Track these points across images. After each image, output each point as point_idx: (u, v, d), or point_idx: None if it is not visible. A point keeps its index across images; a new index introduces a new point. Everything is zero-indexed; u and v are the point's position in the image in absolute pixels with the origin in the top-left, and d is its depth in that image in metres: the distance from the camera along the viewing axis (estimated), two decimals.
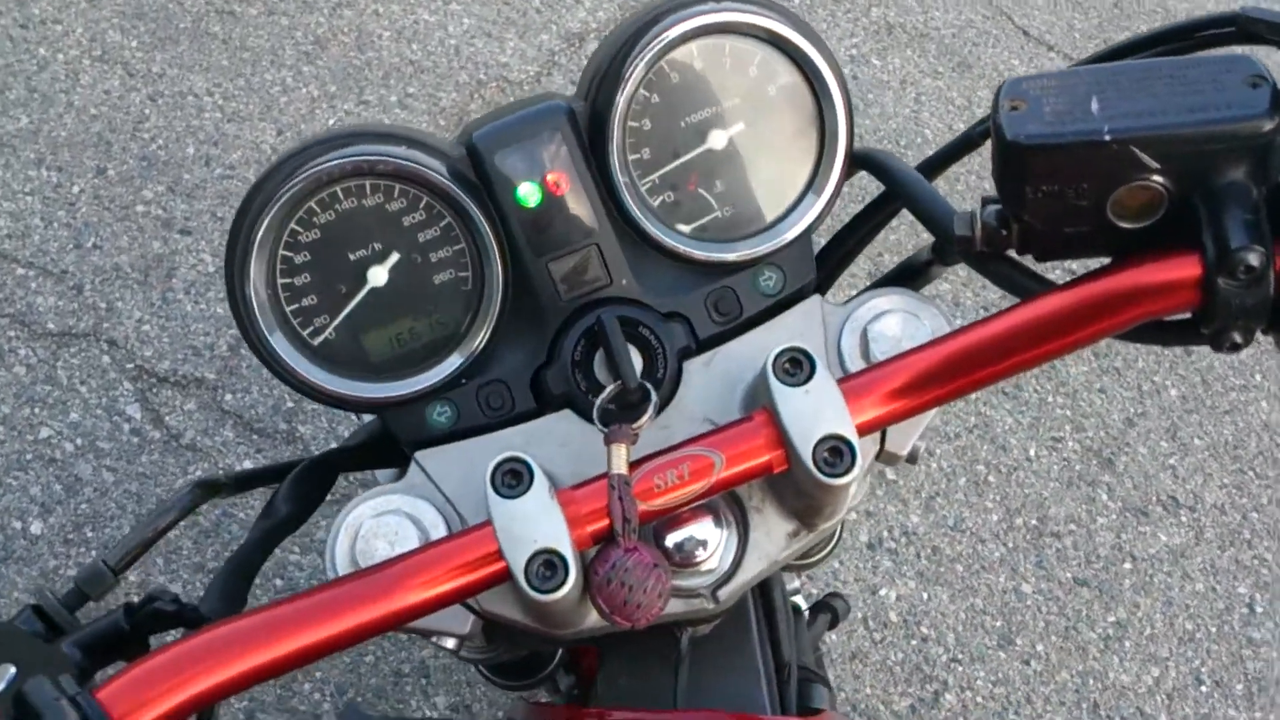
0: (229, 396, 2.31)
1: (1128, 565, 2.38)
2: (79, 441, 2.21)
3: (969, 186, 2.93)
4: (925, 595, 2.28)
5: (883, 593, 2.27)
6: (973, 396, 2.54)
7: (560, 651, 1.14)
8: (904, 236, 2.71)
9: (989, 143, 0.68)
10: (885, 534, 2.34)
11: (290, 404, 2.31)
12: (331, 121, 2.79)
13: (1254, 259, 0.58)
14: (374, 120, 2.81)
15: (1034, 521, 2.41)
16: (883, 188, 0.86)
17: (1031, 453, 2.51)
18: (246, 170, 2.66)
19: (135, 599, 0.72)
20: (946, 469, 2.46)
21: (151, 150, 2.67)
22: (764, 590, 0.96)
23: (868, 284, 0.94)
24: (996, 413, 2.55)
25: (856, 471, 0.65)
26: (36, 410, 2.24)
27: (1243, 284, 0.59)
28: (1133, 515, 2.44)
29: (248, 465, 2.23)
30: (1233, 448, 2.59)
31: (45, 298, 2.39)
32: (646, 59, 0.77)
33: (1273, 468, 2.56)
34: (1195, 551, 2.42)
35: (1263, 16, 0.69)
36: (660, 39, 0.77)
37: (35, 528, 2.10)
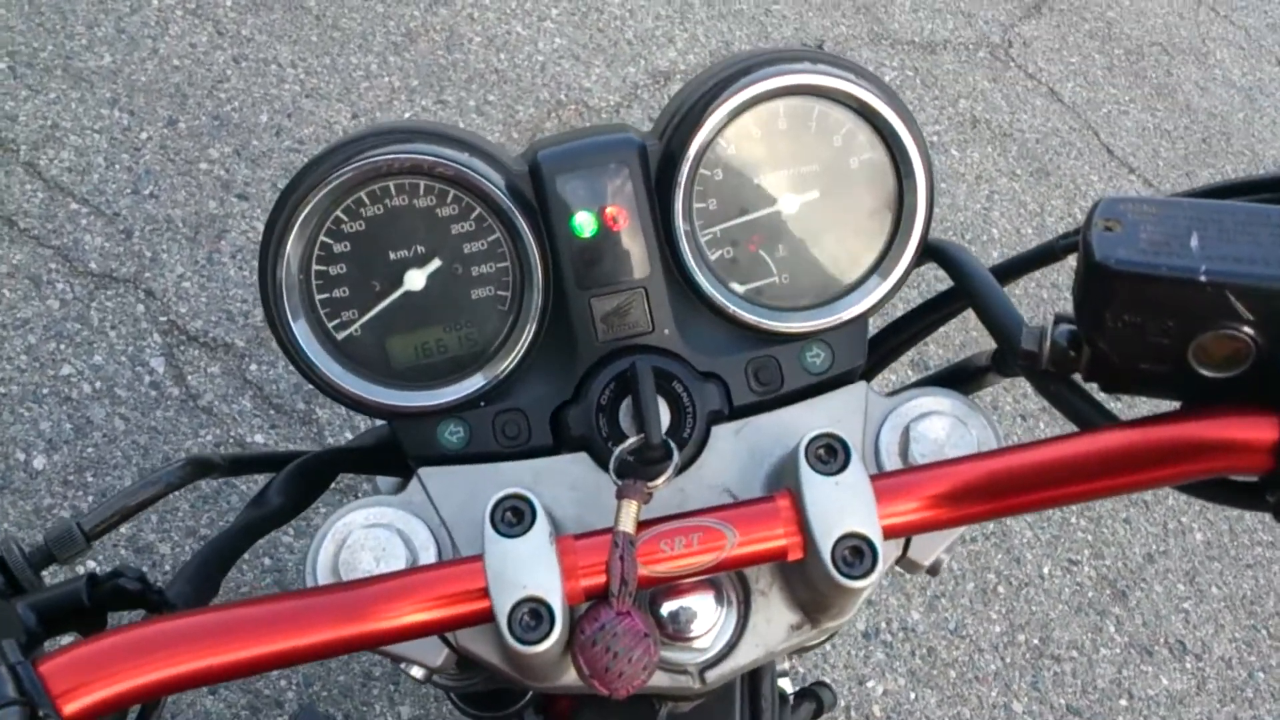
0: (254, 367, 2.29)
1: (1124, 702, 2.31)
2: (98, 385, 2.20)
3: (1026, 292, 2.89)
4: (913, 695, 2.22)
5: (870, 685, 2.21)
6: None
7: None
8: (951, 329, 2.67)
9: (1070, 258, 0.64)
10: (883, 625, 2.29)
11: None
12: (407, 115, 2.80)
13: None
14: (443, 121, 2.81)
15: (1036, 641, 2.34)
16: (950, 283, 0.83)
17: (1045, 570, 2.44)
18: (315, 147, 2.67)
19: (121, 562, 0.69)
20: (956, 572, 2.40)
21: (225, 111, 2.68)
22: (753, 674, 0.91)
23: (910, 372, 0.90)
24: (1016, 524, 2.49)
25: (875, 576, 0.61)
26: (62, 346, 2.23)
27: None
28: (1137, 652, 2.38)
29: (259, 439, 2.21)
30: (1250, 602, 2.52)
31: (93, 237, 2.39)
32: (730, 107, 0.74)
33: None
34: (1195, 700, 2.34)
35: None
36: (748, 90, 0.74)
37: (38, 463, 2.09)
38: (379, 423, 0.92)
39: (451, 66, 2.94)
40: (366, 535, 0.70)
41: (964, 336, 2.69)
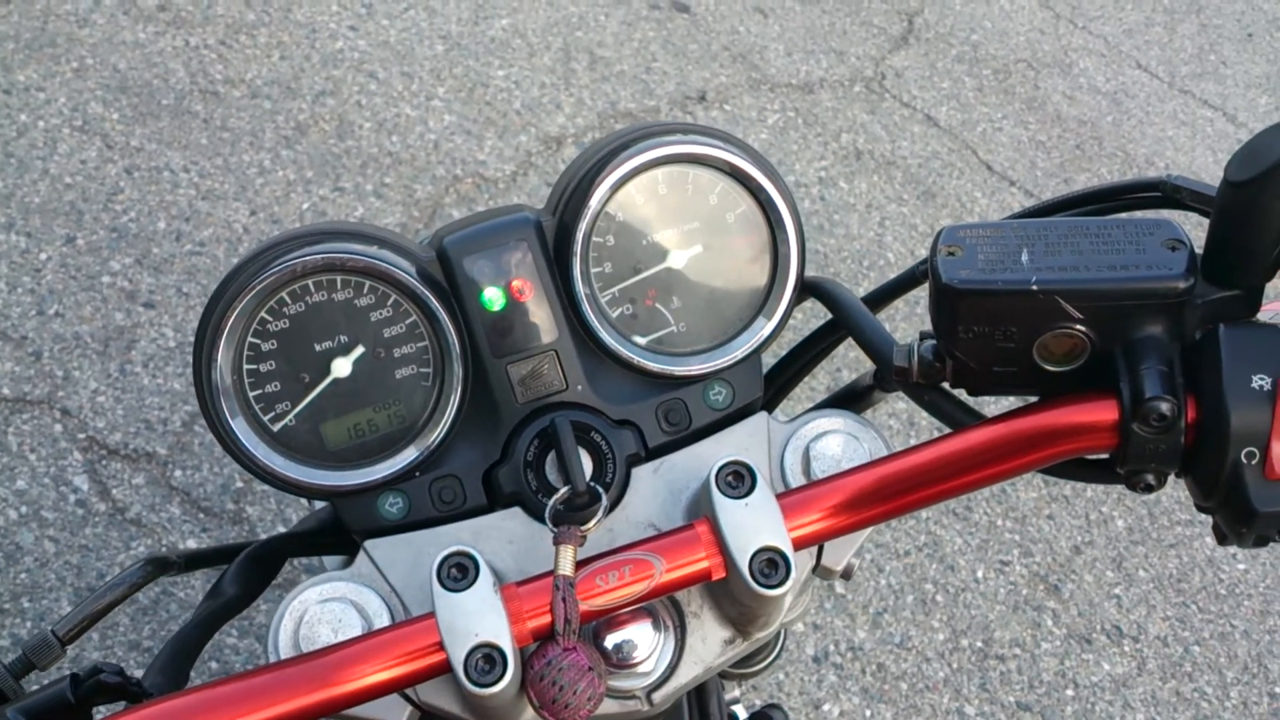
0: (179, 473, 2.30)
1: (1070, 692, 2.39)
2: (23, 509, 2.19)
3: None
4: (869, 712, 2.28)
5: (826, 708, 2.26)
6: (923, 515, 2.58)
7: None
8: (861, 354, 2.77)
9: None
10: (831, 648, 2.35)
11: (240, 484, 2.30)
12: (305, 206, 2.83)
13: (1165, 408, 0.63)
14: (350, 220, 2.85)
15: (979, 643, 2.42)
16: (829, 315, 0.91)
17: (979, 574, 2.53)
18: (216, 248, 2.69)
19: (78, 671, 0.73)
20: (895, 586, 2.47)
21: (122, 222, 2.69)
22: (701, 698, 0.97)
23: (825, 396, 0.98)
24: (946, 533, 2.58)
25: (790, 583, 0.68)
26: None
27: (1155, 430, 0.64)
28: (1077, 642, 2.46)
29: (192, 544, 2.21)
30: (1176, 580, 2.62)
31: (2, 363, 2.38)
32: (613, 180, 0.81)
33: (1214, 602, 2.59)
34: (1137, 682, 2.43)
35: (1185, 184, 0.75)
36: (628, 164, 0.81)
37: None
38: (318, 507, 0.96)
39: (345, 154, 2.99)
40: (322, 610, 0.74)
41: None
